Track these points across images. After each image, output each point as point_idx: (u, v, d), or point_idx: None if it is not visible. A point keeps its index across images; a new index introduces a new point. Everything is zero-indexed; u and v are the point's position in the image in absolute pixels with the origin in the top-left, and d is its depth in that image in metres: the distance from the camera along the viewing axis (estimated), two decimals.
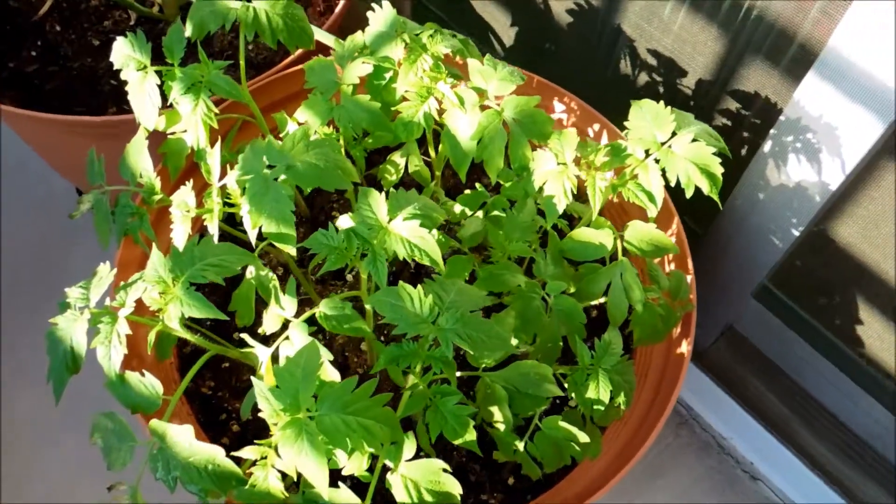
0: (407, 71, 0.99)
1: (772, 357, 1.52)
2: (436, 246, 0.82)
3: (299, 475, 0.72)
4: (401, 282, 0.80)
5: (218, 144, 1.00)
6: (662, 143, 0.94)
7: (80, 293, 0.81)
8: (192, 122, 0.98)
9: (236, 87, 0.98)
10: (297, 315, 0.84)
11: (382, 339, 1.11)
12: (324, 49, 1.14)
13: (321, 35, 1.17)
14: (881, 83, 0.96)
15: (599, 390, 0.86)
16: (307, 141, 0.89)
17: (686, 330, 1.04)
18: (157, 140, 1.08)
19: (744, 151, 1.22)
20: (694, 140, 0.93)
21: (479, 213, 1.03)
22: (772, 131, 1.14)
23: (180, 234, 0.92)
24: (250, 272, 0.91)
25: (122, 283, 0.82)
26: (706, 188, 0.92)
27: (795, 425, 1.52)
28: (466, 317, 0.78)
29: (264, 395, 0.72)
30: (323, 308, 0.82)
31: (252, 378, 0.74)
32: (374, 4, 1.04)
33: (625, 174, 0.95)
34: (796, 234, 1.20)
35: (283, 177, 0.86)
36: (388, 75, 1.01)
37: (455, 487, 0.76)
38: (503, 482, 1.05)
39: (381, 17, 1.03)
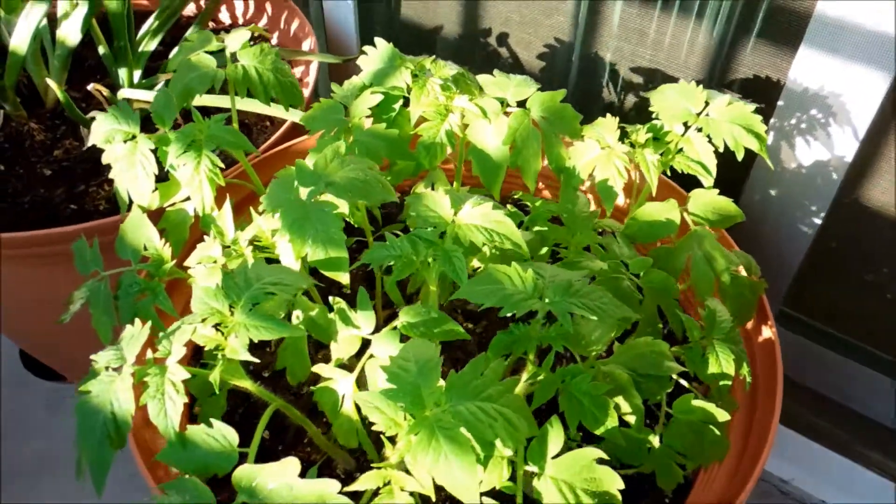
0: (419, 95, 0.94)
1: (809, 384, 1.45)
2: (515, 228, 0.73)
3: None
4: (492, 265, 0.70)
5: (228, 203, 0.90)
6: (698, 114, 0.91)
7: (113, 354, 0.66)
8: (196, 183, 0.88)
9: (241, 137, 0.90)
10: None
11: None
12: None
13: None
14: (878, 33, 0.98)
15: (721, 363, 0.76)
16: (342, 158, 0.80)
17: (763, 313, 0.96)
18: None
19: None
20: (729, 104, 0.91)
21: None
22: (773, 120, 1.14)
23: None
24: (297, 316, 0.78)
25: (160, 333, 0.68)
26: (755, 146, 0.89)
27: (860, 447, 1.42)
28: (576, 286, 0.68)
29: (375, 405, 0.59)
30: (405, 317, 0.70)
31: (351, 394, 0.60)
32: (366, 47, 1.00)
33: (668, 150, 0.90)
34: (818, 221, 1.18)
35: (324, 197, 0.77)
36: (397, 105, 0.96)
37: (614, 483, 0.63)
38: None
39: (376, 54, 0.99)
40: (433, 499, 0.59)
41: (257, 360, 0.64)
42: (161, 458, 0.64)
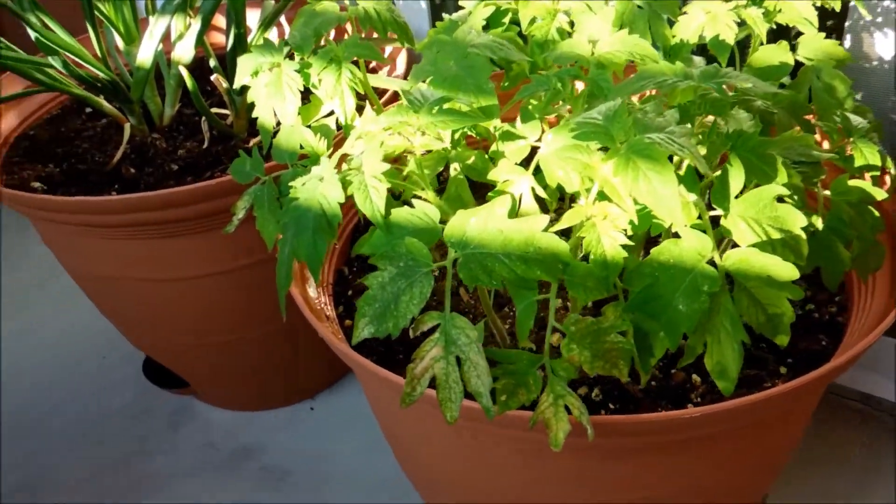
0: (525, 5, 1.03)
1: None
2: (652, 48, 0.80)
3: None
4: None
5: (368, 107, 0.98)
6: None
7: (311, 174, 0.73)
8: (339, 93, 0.97)
9: (374, 48, 0.99)
10: None
11: None
12: None
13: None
14: None
15: (866, 156, 0.80)
16: (476, 31, 0.88)
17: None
18: None
19: None
20: None
21: None
22: (847, 23, 1.21)
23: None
24: (455, 168, 0.84)
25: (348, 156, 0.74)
26: None
27: None
28: (721, 71, 0.74)
29: (567, 156, 0.64)
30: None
31: (529, 190, 0.65)
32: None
33: (768, 10, 0.97)
34: None
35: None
36: (506, 20, 1.05)
37: (797, 221, 0.66)
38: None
39: None
40: (635, 220, 0.63)
41: (447, 146, 0.70)
42: (369, 249, 0.68)
